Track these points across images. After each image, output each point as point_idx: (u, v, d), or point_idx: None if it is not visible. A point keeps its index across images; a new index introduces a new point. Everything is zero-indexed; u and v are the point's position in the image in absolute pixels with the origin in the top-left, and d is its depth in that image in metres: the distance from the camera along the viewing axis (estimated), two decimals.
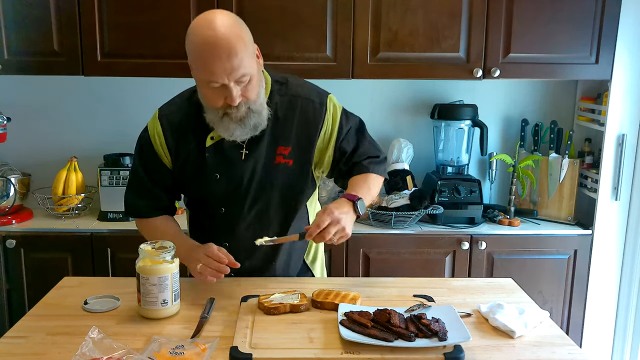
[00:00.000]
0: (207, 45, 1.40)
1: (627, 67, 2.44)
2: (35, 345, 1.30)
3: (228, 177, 1.60)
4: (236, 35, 1.42)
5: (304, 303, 1.46)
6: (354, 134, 1.67)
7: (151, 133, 1.62)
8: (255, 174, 1.60)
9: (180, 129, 1.60)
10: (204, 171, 1.60)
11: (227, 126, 1.50)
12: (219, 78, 1.42)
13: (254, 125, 1.51)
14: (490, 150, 2.80)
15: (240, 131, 1.51)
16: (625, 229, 2.56)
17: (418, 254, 2.47)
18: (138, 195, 1.69)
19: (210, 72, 1.41)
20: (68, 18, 2.37)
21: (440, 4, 2.39)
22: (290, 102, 1.61)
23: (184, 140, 1.60)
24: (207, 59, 1.40)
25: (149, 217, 1.70)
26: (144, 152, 1.65)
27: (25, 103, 2.71)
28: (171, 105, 1.65)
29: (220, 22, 1.41)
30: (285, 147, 1.60)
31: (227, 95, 1.45)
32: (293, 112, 1.60)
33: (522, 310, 1.46)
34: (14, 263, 2.41)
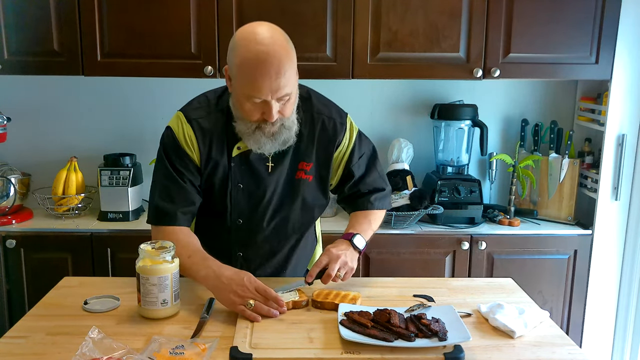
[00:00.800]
0: (257, 61, 1.38)
1: (627, 67, 2.44)
2: (35, 345, 1.30)
3: (251, 189, 1.60)
4: (287, 53, 1.41)
5: (305, 299, 1.47)
6: (365, 161, 1.70)
7: (180, 136, 1.56)
8: (278, 188, 1.61)
9: (211, 135, 1.56)
10: (228, 181, 1.59)
11: (257, 139, 1.49)
12: (263, 95, 1.40)
13: (283, 140, 1.52)
14: (490, 150, 2.80)
15: (270, 145, 1.51)
16: (625, 229, 2.56)
17: (418, 254, 2.48)
18: (170, 199, 1.57)
19: (256, 89, 1.40)
20: (68, 18, 2.37)
21: (440, 4, 2.39)
22: (313, 118, 1.61)
23: (214, 148, 1.57)
24: (255, 75, 1.38)
25: (178, 226, 1.58)
26: (173, 154, 1.57)
27: (25, 103, 2.71)
28: (196, 110, 1.59)
29: (272, 37, 1.40)
30: (307, 164, 1.61)
31: (266, 111, 1.44)
32: (314, 128, 1.61)
33: (522, 310, 1.46)
34: (14, 263, 2.41)
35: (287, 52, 1.41)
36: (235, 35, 1.46)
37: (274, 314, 1.41)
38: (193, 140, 1.56)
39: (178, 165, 1.57)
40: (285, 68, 1.39)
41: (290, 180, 1.61)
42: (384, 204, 1.73)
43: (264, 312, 1.40)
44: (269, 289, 1.44)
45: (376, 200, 1.70)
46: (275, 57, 1.38)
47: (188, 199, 1.58)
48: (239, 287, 1.43)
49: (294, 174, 1.61)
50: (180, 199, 1.58)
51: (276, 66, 1.38)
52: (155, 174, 1.62)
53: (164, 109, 2.71)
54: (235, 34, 1.46)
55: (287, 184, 1.61)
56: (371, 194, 1.71)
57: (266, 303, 1.42)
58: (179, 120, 1.58)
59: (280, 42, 1.41)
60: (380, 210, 1.73)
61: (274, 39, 1.40)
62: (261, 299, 1.42)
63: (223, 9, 2.36)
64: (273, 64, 1.37)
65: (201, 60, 2.40)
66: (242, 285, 1.43)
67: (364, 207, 1.70)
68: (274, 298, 1.43)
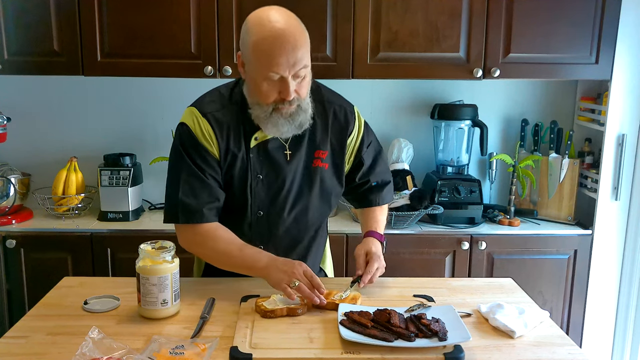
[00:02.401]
0: (274, 37, 1.40)
1: (627, 67, 2.44)
2: (35, 345, 1.30)
3: (271, 179, 1.60)
4: (300, 28, 1.45)
5: (302, 307, 1.45)
6: (373, 151, 1.74)
7: (197, 131, 1.54)
8: (297, 177, 1.62)
9: (227, 128, 1.56)
10: (247, 172, 1.58)
11: (275, 122, 1.49)
12: (281, 69, 1.42)
13: (300, 122, 1.52)
14: (490, 150, 2.80)
15: (287, 127, 1.51)
16: (625, 229, 2.56)
17: (418, 254, 2.48)
18: (194, 195, 1.54)
19: (274, 64, 1.41)
20: (68, 18, 2.37)
21: (440, 4, 2.39)
22: (324, 107, 1.63)
23: (232, 141, 1.56)
24: (274, 49, 1.40)
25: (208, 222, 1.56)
26: (192, 150, 1.54)
27: (25, 103, 2.71)
28: (210, 104, 1.58)
29: (285, 16, 1.44)
30: (323, 152, 1.63)
31: (283, 89, 1.45)
32: (326, 117, 1.63)
33: (522, 310, 1.46)
34: (14, 263, 2.41)
35: (302, 28, 1.46)
36: (248, 20, 1.48)
37: (314, 299, 1.45)
38: (211, 133, 1.54)
39: (199, 162, 1.54)
40: (301, 42, 1.43)
41: (307, 169, 1.62)
42: (390, 197, 1.82)
43: (305, 294, 1.45)
44: (315, 276, 1.49)
45: (387, 194, 1.79)
46: (290, 30, 1.41)
47: (213, 195, 1.56)
48: (290, 268, 1.49)
49: (311, 162, 1.62)
50: (205, 195, 1.55)
51: (292, 40, 1.41)
52: (173, 172, 1.58)
53: (164, 109, 2.71)
54: (247, 20, 1.48)
55: (305, 172, 1.62)
56: (381, 188, 1.76)
57: (310, 288, 1.46)
58: (194, 115, 1.55)
59: (294, 19, 1.46)
60: (386, 206, 1.82)
61: (287, 17, 1.45)
62: (306, 283, 1.47)
63: (223, 9, 2.35)
64: (289, 38, 1.40)
65: (201, 60, 2.40)
66: (292, 266, 1.49)
67: (375, 202, 1.77)
68: (317, 284, 1.48)
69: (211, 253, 1.60)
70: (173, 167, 1.59)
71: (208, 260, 1.66)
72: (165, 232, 2.33)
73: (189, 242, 1.60)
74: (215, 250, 1.58)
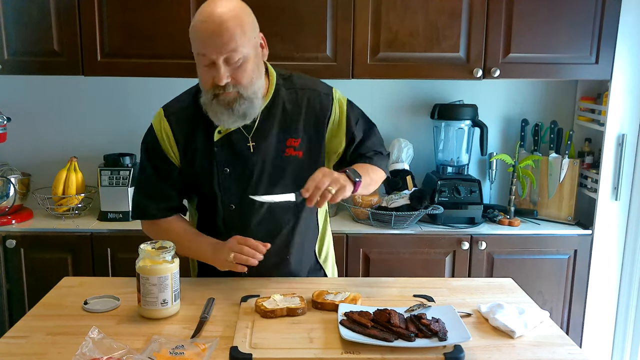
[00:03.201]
0: (203, 20, 1.43)
1: (627, 67, 2.44)
2: (35, 345, 1.30)
3: (238, 171, 1.59)
4: (234, 15, 1.43)
5: (302, 307, 1.45)
6: (363, 125, 1.70)
7: (158, 132, 1.60)
8: (265, 167, 1.60)
9: (188, 124, 1.59)
10: (213, 166, 1.59)
11: (215, 110, 1.50)
12: (208, 50, 1.43)
13: (243, 112, 1.50)
14: (490, 150, 2.80)
15: (227, 117, 1.50)
16: (625, 229, 2.56)
17: (418, 254, 2.48)
18: (148, 196, 1.65)
19: (203, 45, 1.43)
20: (68, 18, 2.37)
21: (440, 4, 2.39)
22: (297, 94, 1.62)
23: (193, 136, 1.58)
24: (202, 31, 1.43)
25: (159, 219, 1.66)
26: (151, 152, 1.63)
27: (25, 103, 2.71)
28: (177, 102, 1.64)
29: (223, 3, 1.44)
30: (295, 139, 1.60)
31: (216, 75, 1.45)
32: (300, 104, 1.61)
33: (522, 310, 1.46)
34: (14, 263, 2.41)
35: (236, 14, 1.44)
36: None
37: (252, 262, 1.48)
38: (169, 134, 1.59)
39: (156, 162, 1.62)
40: (230, 26, 1.41)
41: (278, 159, 1.60)
42: (383, 165, 1.70)
43: (243, 261, 1.49)
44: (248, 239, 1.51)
45: (375, 156, 1.68)
46: (219, 15, 1.41)
47: (165, 196, 1.64)
48: (222, 246, 1.54)
49: (282, 151, 1.60)
50: (158, 197, 1.64)
51: (219, 22, 1.41)
52: (138, 170, 1.70)
53: None
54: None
55: (275, 163, 1.60)
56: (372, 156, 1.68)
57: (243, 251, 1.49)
58: (160, 116, 1.62)
59: (231, 6, 1.45)
60: (379, 170, 1.67)
61: (225, 4, 1.44)
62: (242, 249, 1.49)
63: None
64: (215, 21, 1.41)
65: None
66: (224, 245, 1.54)
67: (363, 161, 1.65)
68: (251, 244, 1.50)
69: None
70: (139, 165, 1.70)
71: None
72: None
73: (148, 232, 1.71)
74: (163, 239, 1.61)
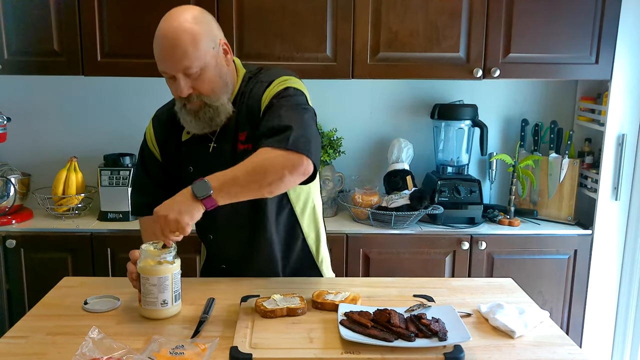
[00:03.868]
0: (158, 37, 1.47)
1: (627, 67, 2.44)
2: (35, 345, 1.30)
3: (199, 170, 1.58)
4: (186, 29, 1.45)
5: (302, 307, 1.44)
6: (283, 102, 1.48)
7: (147, 134, 1.72)
8: (224, 165, 1.48)
9: (166, 126, 1.67)
10: (180, 165, 1.66)
11: (184, 117, 1.56)
12: (166, 68, 1.48)
13: (209, 118, 1.54)
14: (490, 150, 2.80)
15: (195, 124, 1.55)
16: (625, 229, 2.56)
17: (418, 254, 2.47)
18: (140, 194, 1.75)
19: (160, 63, 1.48)
20: (68, 18, 2.37)
21: (440, 4, 2.39)
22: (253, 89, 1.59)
23: (169, 137, 1.67)
24: (157, 49, 1.48)
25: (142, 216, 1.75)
26: (143, 152, 1.74)
27: (25, 103, 2.71)
28: (164, 105, 1.73)
29: (175, 16, 1.46)
30: (242, 133, 1.59)
31: (176, 87, 1.50)
32: (246, 97, 1.60)
33: (522, 310, 1.46)
34: (14, 263, 2.41)
35: (188, 28, 1.45)
36: None
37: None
38: (152, 135, 1.70)
39: (146, 163, 1.72)
40: (181, 42, 1.43)
41: (234, 155, 1.57)
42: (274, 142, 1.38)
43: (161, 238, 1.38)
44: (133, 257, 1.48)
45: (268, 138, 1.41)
46: (170, 31, 1.44)
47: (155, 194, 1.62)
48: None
49: (236, 147, 1.59)
50: (148, 195, 1.68)
51: (171, 40, 1.44)
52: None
53: None
54: None
55: (232, 158, 1.54)
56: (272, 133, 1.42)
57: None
58: (151, 118, 1.73)
59: (184, 20, 1.45)
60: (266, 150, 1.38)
61: (179, 17, 1.45)
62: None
63: (223, 9, 2.35)
64: (168, 38, 1.44)
65: None
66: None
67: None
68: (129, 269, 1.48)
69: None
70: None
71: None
72: None
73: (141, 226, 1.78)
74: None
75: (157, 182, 1.71)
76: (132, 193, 1.85)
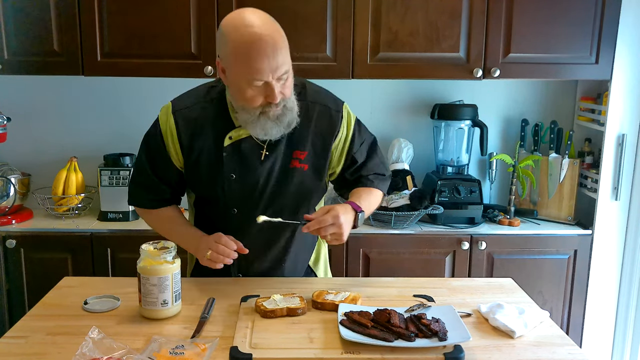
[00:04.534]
0: (252, 43, 1.38)
1: (627, 67, 2.44)
2: (35, 345, 1.30)
3: (244, 178, 1.58)
4: (277, 30, 1.43)
5: (302, 307, 1.45)
6: (367, 148, 1.70)
7: (163, 128, 1.59)
8: (272, 177, 1.59)
9: (196, 126, 1.57)
10: (219, 171, 1.58)
11: (263, 125, 1.48)
12: (264, 75, 1.40)
13: (288, 122, 1.51)
14: (490, 150, 2.80)
15: (276, 129, 1.50)
16: (625, 229, 2.56)
17: (418, 254, 2.48)
18: (143, 188, 1.68)
19: (255, 70, 1.39)
20: (68, 18, 2.37)
21: (440, 4, 2.39)
22: (308, 107, 1.59)
23: (200, 138, 1.57)
24: (253, 56, 1.39)
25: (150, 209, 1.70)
26: (152, 146, 1.62)
27: (25, 103, 2.71)
28: (186, 101, 1.60)
29: (259, 19, 1.42)
30: (301, 152, 1.60)
31: (269, 94, 1.43)
32: (310, 117, 1.59)
33: (522, 310, 1.46)
34: (14, 263, 2.41)
35: (278, 30, 1.44)
36: (221, 25, 1.46)
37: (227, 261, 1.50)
38: (174, 132, 1.57)
39: (154, 154, 1.62)
40: (280, 45, 1.41)
41: (284, 169, 1.60)
42: (383, 187, 1.74)
43: (219, 260, 1.50)
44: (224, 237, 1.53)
45: (376, 180, 1.71)
46: (268, 35, 1.39)
47: (160, 192, 1.66)
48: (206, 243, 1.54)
49: (289, 162, 1.60)
50: (152, 191, 1.66)
51: (271, 44, 1.39)
52: (137, 155, 1.70)
53: None
54: (222, 25, 1.46)
55: (281, 172, 1.60)
56: (373, 178, 1.71)
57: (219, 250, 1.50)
58: (167, 111, 1.60)
59: (269, 21, 1.44)
60: (379, 193, 1.72)
61: (262, 20, 1.42)
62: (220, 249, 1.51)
63: (223, 9, 2.35)
64: (268, 43, 1.39)
65: (201, 60, 2.40)
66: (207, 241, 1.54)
67: (364, 184, 1.69)
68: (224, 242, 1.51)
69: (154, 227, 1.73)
70: (138, 152, 1.70)
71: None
72: None
73: (141, 216, 1.77)
74: (156, 227, 1.72)
75: (167, 181, 1.64)
76: (133, 184, 1.71)
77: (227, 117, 1.56)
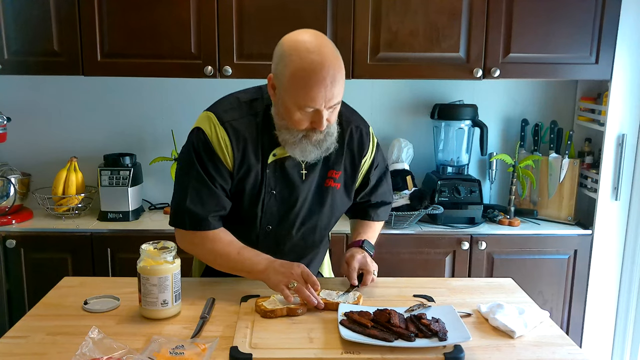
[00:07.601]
0: (312, 71, 1.36)
1: (627, 67, 2.44)
2: (35, 345, 1.30)
3: (284, 196, 1.58)
4: (339, 61, 1.41)
5: (302, 307, 1.45)
6: (379, 172, 1.74)
7: (213, 138, 1.51)
8: (309, 195, 1.61)
9: (245, 140, 1.52)
10: (261, 187, 1.56)
11: (304, 148, 1.48)
12: (317, 104, 1.39)
13: (327, 147, 1.52)
14: (490, 150, 2.80)
15: (315, 153, 1.50)
16: (625, 229, 2.56)
17: (418, 254, 2.48)
18: (202, 203, 1.53)
19: (310, 98, 1.38)
20: (68, 18, 2.37)
21: (440, 4, 2.39)
22: (342, 127, 1.59)
23: (248, 153, 1.53)
24: (310, 85, 1.37)
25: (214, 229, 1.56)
26: (205, 156, 1.52)
27: (25, 103, 2.71)
28: (231, 112, 1.54)
29: (324, 46, 1.40)
30: (336, 172, 1.61)
31: (316, 120, 1.43)
32: (344, 137, 1.60)
33: (522, 310, 1.46)
34: (14, 263, 2.41)
35: (339, 60, 1.41)
36: (283, 44, 1.44)
37: (312, 301, 1.44)
38: (227, 143, 1.51)
39: (210, 169, 1.52)
40: (339, 77, 1.40)
41: (319, 188, 1.61)
42: (386, 215, 1.82)
43: (304, 295, 1.45)
44: (312, 275, 1.48)
45: (382, 213, 1.78)
46: (330, 66, 1.37)
47: (220, 204, 1.54)
48: (288, 269, 1.49)
49: (324, 181, 1.61)
50: (212, 204, 1.53)
51: (331, 75, 1.37)
52: (182, 176, 1.56)
53: (163, 109, 2.71)
54: (282, 42, 1.44)
55: (317, 191, 1.61)
56: (379, 207, 1.76)
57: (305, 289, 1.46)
58: (211, 122, 1.52)
59: (332, 50, 1.41)
60: (380, 223, 1.82)
61: (326, 48, 1.40)
62: (304, 283, 1.46)
63: (223, 9, 2.36)
64: (329, 74, 1.37)
65: (201, 60, 2.40)
66: (290, 267, 1.50)
67: (369, 217, 1.77)
68: (312, 282, 1.47)
69: (209, 255, 1.59)
70: (183, 171, 1.56)
71: (206, 262, 1.66)
72: (165, 232, 2.33)
73: (188, 243, 1.59)
74: (213, 252, 1.57)
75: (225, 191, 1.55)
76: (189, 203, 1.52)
77: (272, 133, 1.53)
